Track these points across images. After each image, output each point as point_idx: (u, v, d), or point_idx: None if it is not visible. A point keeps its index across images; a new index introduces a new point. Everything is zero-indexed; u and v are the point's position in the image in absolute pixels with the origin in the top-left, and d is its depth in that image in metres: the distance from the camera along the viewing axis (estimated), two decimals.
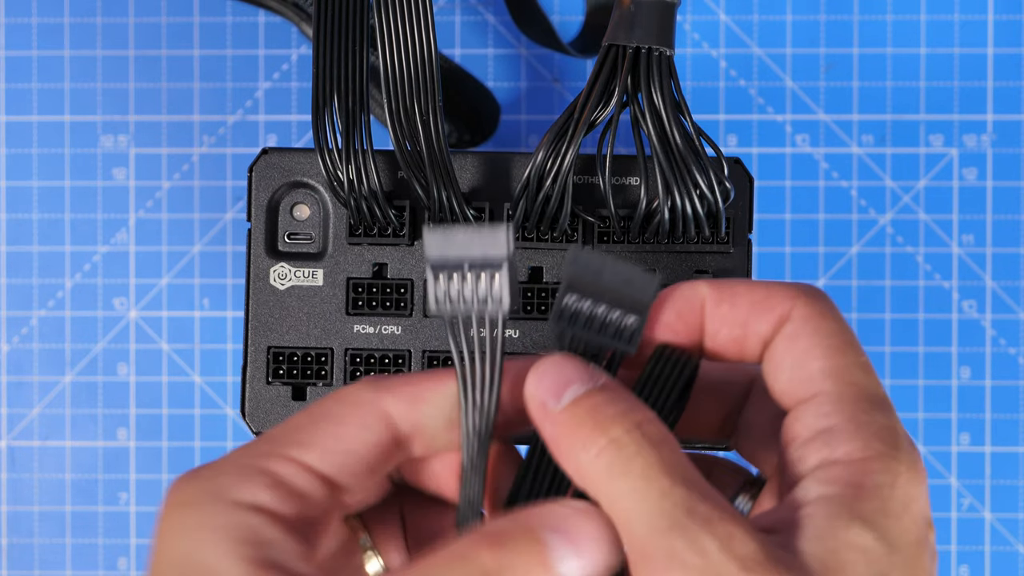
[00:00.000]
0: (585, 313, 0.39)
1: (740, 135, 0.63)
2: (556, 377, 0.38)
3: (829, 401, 0.38)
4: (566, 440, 0.37)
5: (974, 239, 0.63)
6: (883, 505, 0.36)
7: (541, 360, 0.38)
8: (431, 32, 0.49)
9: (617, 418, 0.37)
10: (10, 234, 0.64)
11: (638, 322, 0.39)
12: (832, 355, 0.38)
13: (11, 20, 0.64)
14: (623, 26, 0.49)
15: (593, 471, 0.36)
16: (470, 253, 0.39)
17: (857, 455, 0.37)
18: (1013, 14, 0.63)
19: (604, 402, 0.37)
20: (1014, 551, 0.63)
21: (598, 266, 0.39)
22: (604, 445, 0.36)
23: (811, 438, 0.37)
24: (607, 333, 0.39)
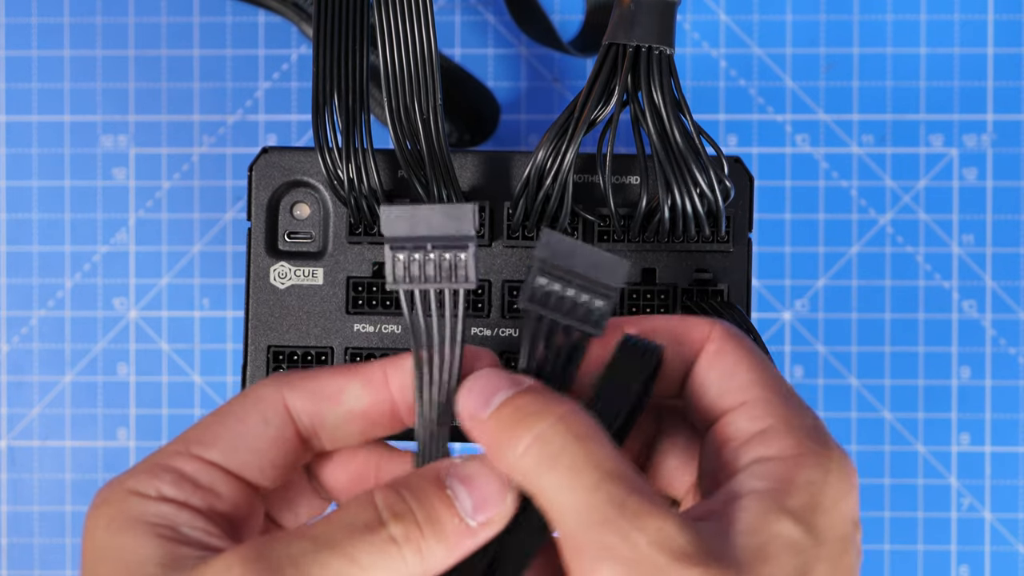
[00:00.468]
0: (555, 295, 0.39)
1: (740, 135, 0.63)
2: (483, 388, 0.39)
3: (761, 405, 0.39)
4: (495, 443, 0.38)
5: (974, 239, 0.63)
6: (812, 500, 0.37)
7: (470, 377, 0.39)
8: (431, 32, 0.49)
9: (540, 414, 0.38)
10: (10, 234, 0.64)
11: (607, 306, 0.39)
12: (757, 367, 0.40)
13: (11, 20, 0.64)
14: (623, 25, 0.49)
15: (522, 467, 0.37)
16: (435, 231, 0.40)
17: (790, 452, 0.38)
18: (1013, 14, 0.63)
19: (528, 402, 0.38)
20: (1014, 551, 0.63)
21: (569, 250, 0.39)
22: (530, 441, 0.37)
23: (746, 440, 0.39)
24: (575, 316, 0.39)
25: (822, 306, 0.63)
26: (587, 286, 0.39)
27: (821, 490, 0.38)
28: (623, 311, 0.51)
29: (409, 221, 0.39)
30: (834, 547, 0.37)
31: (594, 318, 0.39)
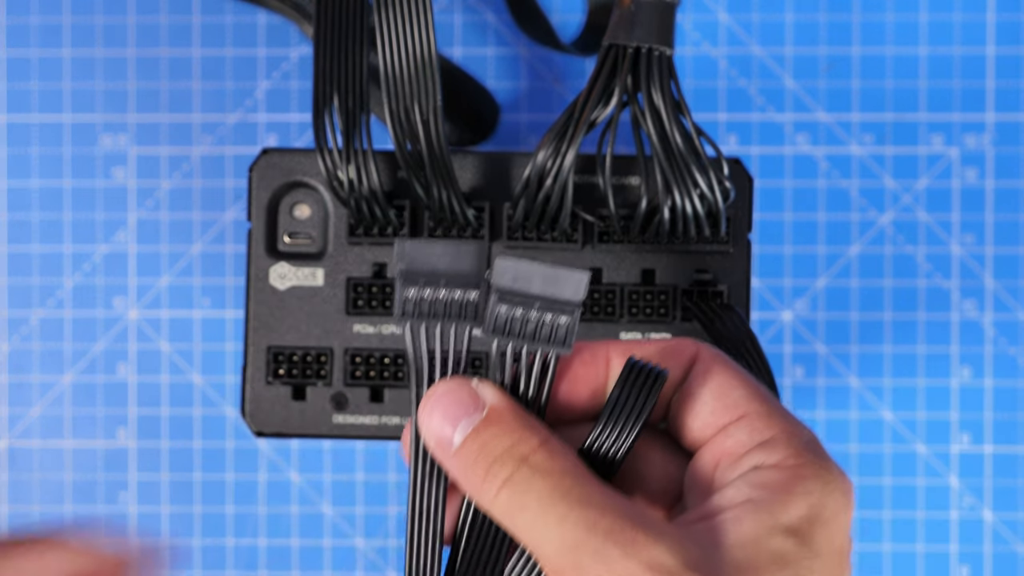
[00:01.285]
0: (517, 321, 0.39)
1: (740, 135, 0.63)
2: (443, 412, 0.39)
3: (760, 418, 0.39)
4: (466, 482, 0.39)
5: (974, 239, 0.63)
6: (811, 512, 0.37)
7: (428, 393, 0.39)
8: (431, 32, 0.49)
9: (505, 457, 0.38)
10: (10, 234, 0.64)
11: (570, 322, 0.39)
12: (749, 384, 0.40)
13: (11, 20, 0.64)
14: (623, 26, 0.49)
15: (497, 511, 0.38)
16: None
17: (791, 461, 0.38)
18: (1013, 14, 0.63)
19: (492, 438, 0.38)
20: (1014, 551, 0.63)
21: (525, 272, 0.39)
22: (499, 486, 0.38)
23: (746, 451, 0.39)
24: (541, 338, 0.39)
25: (822, 306, 0.63)
26: (548, 305, 0.39)
27: (820, 502, 0.37)
28: (624, 313, 0.51)
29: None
30: (830, 560, 0.37)
31: (560, 336, 0.39)
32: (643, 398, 0.39)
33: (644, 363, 0.40)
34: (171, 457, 0.64)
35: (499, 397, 0.39)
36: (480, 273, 0.40)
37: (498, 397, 0.39)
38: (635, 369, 0.40)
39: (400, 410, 0.52)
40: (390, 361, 0.52)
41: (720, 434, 0.40)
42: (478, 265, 0.40)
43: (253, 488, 0.64)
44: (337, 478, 0.64)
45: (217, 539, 0.64)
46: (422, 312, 0.40)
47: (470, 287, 0.40)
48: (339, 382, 0.52)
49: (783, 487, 0.37)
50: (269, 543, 0.64)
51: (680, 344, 0.41)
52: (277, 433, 0.52)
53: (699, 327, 0.51)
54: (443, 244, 0.40)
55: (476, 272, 0.40)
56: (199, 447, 0.64)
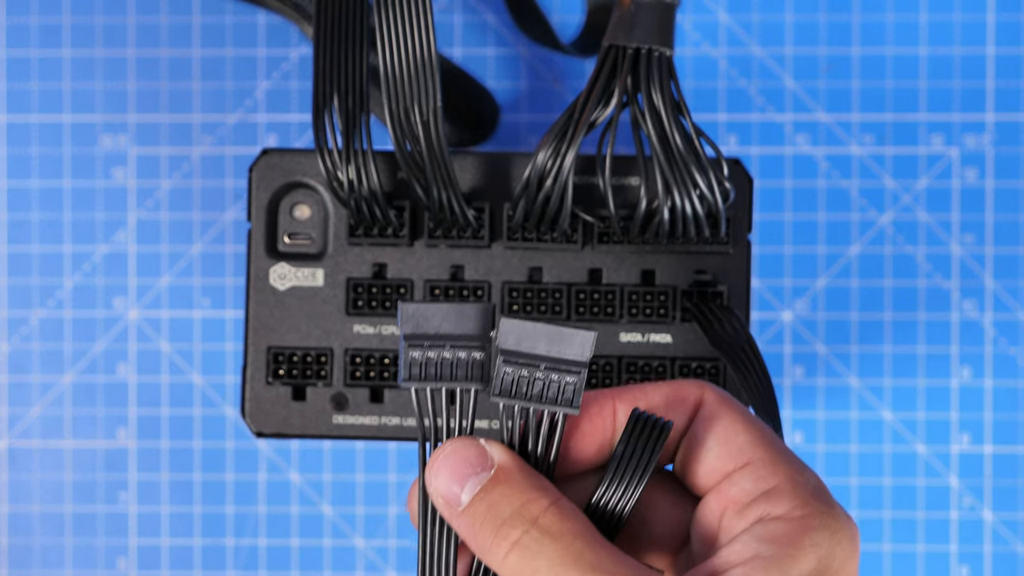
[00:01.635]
0: (524, 381, 0.39)
1: (740, 135, 0.63)
2: (451, 471, 0.39)
3: (764, 466, 0.39)
4: (475, 542, 0.39)
5: (974, 239, 0.63)
6: (820, 564, 0.37)
7: (436, 452, 0.39)
8: (431, 32, 0.49)
9: (514, 519, 0.38)
10: (10, 234, 0.64)
11: (578, 382, 0.39)
12: (754, 428, 0.40)
13: (11, 20, 0.64)
14: (623, 26, 0.49)
15: (506, 572, 0.38)
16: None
17: (797, 512, 0.38)
18: (1013, 14, 0.63)
19: (500, 497, 0.38)
20: (1014, 551, 0.63)
21: (530, 333, 0.39)
22: (508, 549, 0.38)
23: (751, 500, 0.39)
24: (548, 399, 0.39)
25: (822, 306, 0.63)
26: (554, 365, 0.39)
27: (829, 553, 0.38)
28: (624, 314, 0.51)
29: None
30: None
31: (567, 396, 0.39)
32: (648, 452, 0.39)
33: (648, 415, 0.40)
34: (171, 457, 0.64)
35: (507, 456, 0.39)
36: (485, 334, 0.40)
37: (506, 456, 0.39)
38: (639, 422, 0.40)
39: (400, 410, 0.52)
40: (390, 361, 0.52)
41: (725, 481, 0.40)
42: (482, 326, 0.40)
43: (253, 488, 0.64)
44: (337, 478, 0.64)
45: (217, 539, 0.64)
46: (428, 375, 0.40)
47: (475, 348, 0.40)
48: (339, 382, 0.52)
49: (791, 541, 0.37)
50: (269, 543, 0.64)
51: (685, 388, 0.41)
52: (277, 433, 0.52)
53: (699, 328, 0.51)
54: (446, 306, 0.40)
55: (480, 333, 0.40)
56: (199, 447, 0.64)
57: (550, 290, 0.51)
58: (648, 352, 0.52)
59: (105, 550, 0.64)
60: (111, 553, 0.64)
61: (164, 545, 0.64)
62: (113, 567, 0.64)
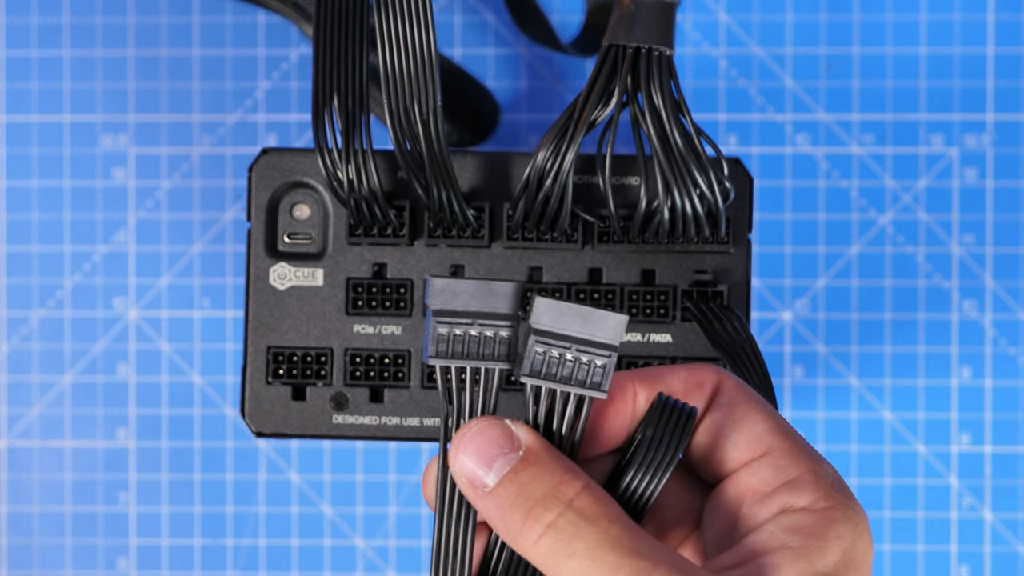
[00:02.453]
0: (554, 362, 0.39)
1: (740, 135, 0.63)
2: (478, 451, 0.38)
3: (784, 456, 0.39)
4: (502, 524, 0.38)
5: (974, 239, 0.63)
6: (845, 557, 0.38)
7: (460, 430, 0.39)
8: (431, 32, 0.49)
9: (548, 500, 0.37)
10: (10, 234, 0.64)
11: (608, 365, 0.39)
12: (770, 417, 0.40)
13: (11, 20, 0.64)
14: (623, 26, 0.49)
15: (537, 555, 0.37)
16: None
17: (820, 504, 0.38)
18: (1013, 14, 0.63)
19: (531, 480, 0.38)
20: (1014, 551, 0.63)
21: (565, 313, 0.39)
22: (542, 531, 0.37)
23: (772, 490, 0.39)
24: (577, 381, 0.39)
25: (822, 306, 0.63)
26: (585, 347, 0.39)
27: (853, 546, 0.38)
28: (624, 313, 0.51)
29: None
30: None
31: (595, 379, 0.39)
32: (675, 438, 0.39)
33: (674, 401, 0.40)
34: (171, 457, 0.64)
35: (535, 437, 0.38)
36: (514, 313, 0.39)
37: (533, 437, 0.38)
38: (665, 408, 0.39)
39: (399, 410, 0.52)
40: (390, 361, 0.52)
41: (744, 469, 0.40)
42: (512, 304, 0.39)
43: (253, 488, 0.64)
44: (337, 478, 0.64)
45: (217, 539, 0.64)
46: (455, 352, 0.39)
47: (503, 327, 0.39)
48: (339, 382, 0.52)
49: (817, 533, 0.38)
50: (269, 543, 0.64)
51: (702, 373, 0.41)
52: (277, 433, 0.52)
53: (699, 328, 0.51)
54: (476, 283, 0.39)
55: (510, 312, 0.39)
56: (199, 447, 0.64)
57: (550, 290, 0.51)
58: (648, 352, 0.52)
59: (105, 550, 0.64)
60: (111, 553, 0.64)
61: (164, 545, 0.64)
62: (113, 567, 0.64)
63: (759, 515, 0.39)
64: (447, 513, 0.39)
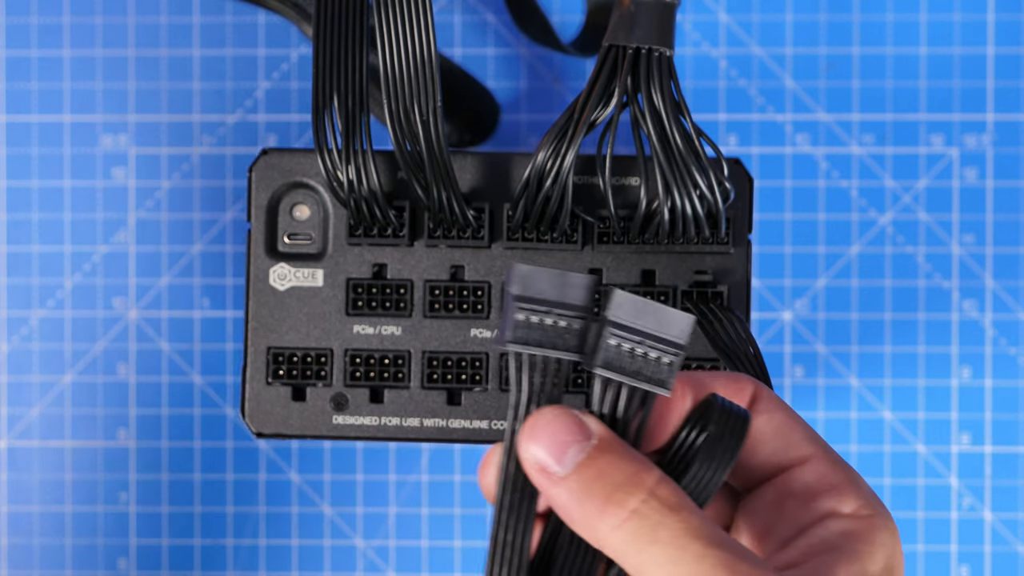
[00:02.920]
0: (625, 356, 0.39)
1: (740, 135, 0.63)
2: (551, 438, 0.38)
3: (824, 463, 0.40)
4: (579, 510, 0.37)
5: (974, 239, 0.63)
6: (888, 564, 0.39)
7: (531, 418, 0.39)
8: (431, 32, 0.49)
9: (629, 486, 0.37)
10: (10, 234, 0.64)
11: (675, 363, 0.39)
12: (804, 426, 0.41)
13: (11, 20, 0.64)
14: (623, 26, 0.49)
15: (616, 542, 0.37)
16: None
17: (865, 512, 0.39)
18: (1013, 14, 0.63)
19: (609, 466, 0.38)
20: (1014, 551, 0.63)
21: (641, 308, 0.39)
22: (625, 516, 0.37)
23: (815, 494, 0.40)
24: (644, 376, 0.39)
25: (822, 306, 0.63)
26: (655, 345, 0.39)
27: (893, 553, 0.39)
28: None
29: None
30: None
31: (662, 376, 0.39)
32: (735, 438, 0.39)
33: (731, 404, 0.40)
34: (171, 457, 0.64)
35: (605, 429, 0.38)
36: (588, 305, 0.39)
37: (604, 428, 0.38)
38: (723, 410, 0.40)
39: (400, 411, 0.52)
40: (390, 362, 0.52)
41: (784, 475, 0.40)
42: (588, 297, 0.39)
43: (253, 488, 0.64)
44: (337, 478, 0.64)
45: (217, 539, 0.64)
46: (531, 339, 0.39)
47: (577, 318, 0.39)
48: (339, 383, 0.52)
49: (864, 538, 0.38)
50: (269, 543, 0.64)
51: (741, 381, 0.41)
52: (277, 434, 0.52)
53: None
54: (556, 272, 0.39)
55: (586, 304, 0.39)
56: (199, 447, 0.64)
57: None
58: None
59: (105, 550, 0.64)
60: (111, 553, 0.64)
61: (164, 545, 0.64)
62: (113, 567, 0.64)
63: (803, 519, 0.39)
64: (509, 502, 0.39)
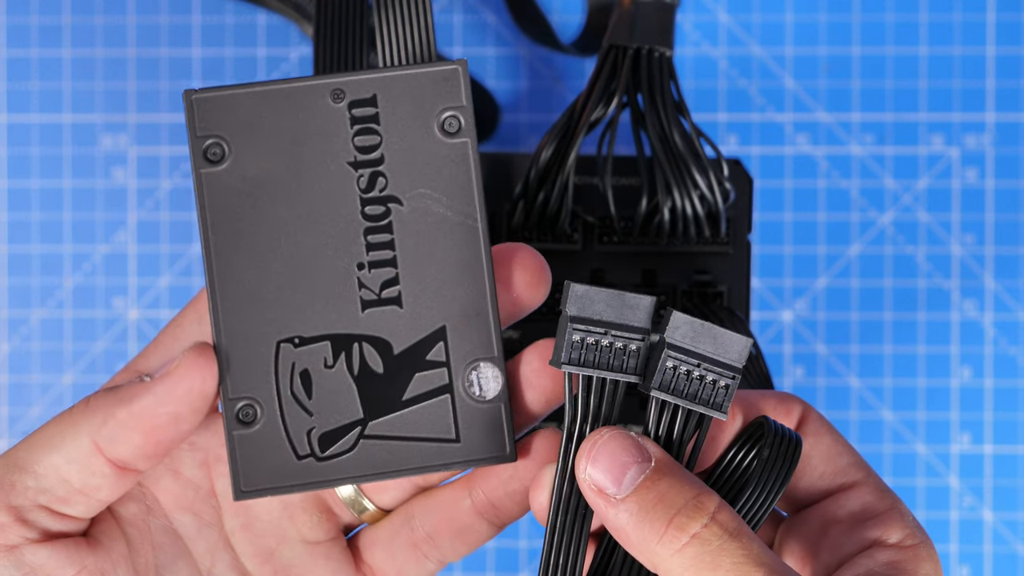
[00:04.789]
0: (682, 378, 0.39)
1: (740, 135, 0.63)
2: (610, 459, 0.38)
3: (870, 492, 0.40)
4: (637, 532, 0.37)
5: (974, 239, 0.63)
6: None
7: (589, 439, 0.38)
8: (431, 32, 0.49)
9: (690, 510, 0.37)
10: (10, 234, 0.64)
11: (732, 387, 0.39)
12: (851, 451, 0.41)
13: (11, 20, 0.64)
14: (623, 27, 0.49)
15: (676, 565, 0.37)
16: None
17: (909, 541, 0.39)
18: (1013, 14, 0.63)
19: (670, 488, 0.37)
20: (1014, 551, 0.63)
21: (699, 331, 0.39)
22: (686, 541, 0.37)
23: (860, 521, 0.40)
24: (701, 399, 0.39)
25: (822, 306, 0.63)
26: (712, 367, 0.39)
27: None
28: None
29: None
30: None
31: (718, 400, 0.39)
32: (787, 465, 0.39)
33: (783, 428, 0.40)
34: None
35: (662, 451, 0.38)
36: (646, 327, 0.39)
37: (661, 451, 0.38)
38: (777, 434, 0.39)
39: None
40: None
41: (829, 500, 0.40)
42: (645, 318, 0.39)
43: None
44: None
45: None
46: (587, 360, 0.39)
47: (634, 339, 0.39)
48: None
49: (910, 569, 0.39)
50: None
51: (789, 401, 0.41)
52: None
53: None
54: (613, 293, 0.39)
55: (643, 325, 0.39)
56: None
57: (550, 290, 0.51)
58: None
59: None
60: None
61: None
62: None
63: (848, 547, 0.39)
64: (561, 524, 0.39)
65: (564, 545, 0.39)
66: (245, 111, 0.40)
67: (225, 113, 0.40)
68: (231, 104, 0.40)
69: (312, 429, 0.41)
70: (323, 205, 0.41)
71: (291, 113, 0.41)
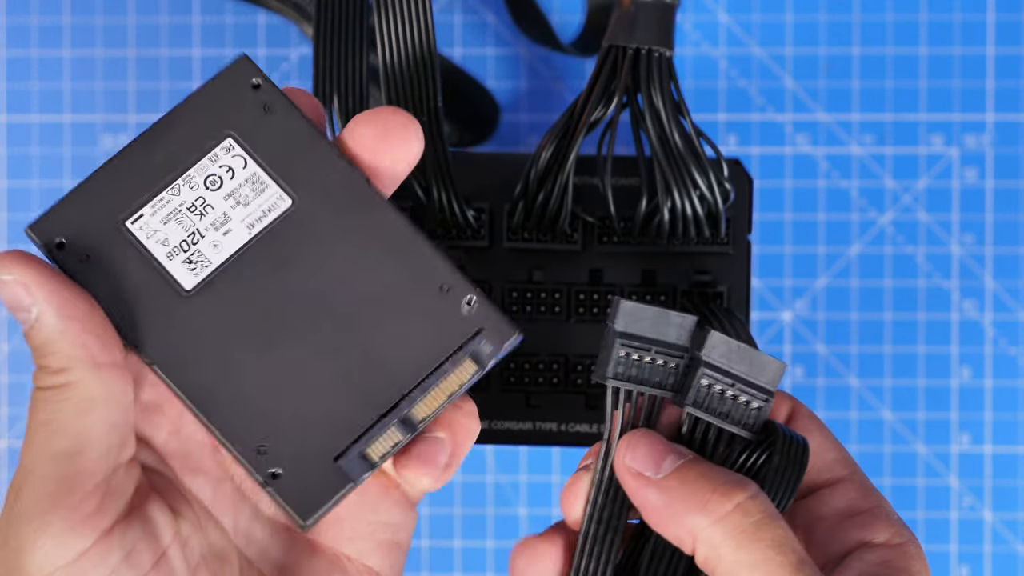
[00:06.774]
0: (716, 397, 0.40)
1: (740, 135, 0.63)
2: (649, 449, 0.39)
3: (854, 488, 0.41)
4: (678, 504, 0.38)
5: (974, 239, 0.63)
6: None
7: (627, 436, 0.40)
8: (431, 32, 0.49)
9: (735, 483, 0.38)
10: (10, 234, 0.64)
11: (764, 410, 0.40)
12: (838, 447, 0.41)
13: (11, 20, 0.64)
14: (623, 27, 0.49)
15: (715, 535, 0.37)
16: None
17: (897, 540, 0.40)
18: (1013, 14, 0.63)
19: (710, 470, 0.38)
20: (1014, 551, 0.63)
21: (735, 352, 0.40)
22: (730, 510, 0.37)
23: (845, 519, 0.40)
24: (732, 418, 0.40)
25: (822, 306, 0.63)
26: (745, 388, 0.40)
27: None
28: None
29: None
30: None
31: (749, 422, 0.40)
32: (798, 470, 0.40)
33: (790, 431, 0.40)
34: None
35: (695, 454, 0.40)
36: (686, 345, 0.40)
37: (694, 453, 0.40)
38: (787, 439, 0.40)
39: None
40: None
41: (813, 497, 0.41)
42: (686, 337, 0.40)
43: None
44: None
45: None
46: (631, 376, 0.40)
47: (674, 358, 0.40)
48: None
49: (900, 567, 0.39)
50: None
51: (777, 398, 0.42)
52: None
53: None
54: (658, 311, 0.40)
55: (683, 344, 0.40)
56: None
57: (550, 290, 0.51)
58: None
59: None
60: None
61: None
62: None
63: (834, 546, 0.40)
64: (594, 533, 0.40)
65: (595, 554, 0.40)
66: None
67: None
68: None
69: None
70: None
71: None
